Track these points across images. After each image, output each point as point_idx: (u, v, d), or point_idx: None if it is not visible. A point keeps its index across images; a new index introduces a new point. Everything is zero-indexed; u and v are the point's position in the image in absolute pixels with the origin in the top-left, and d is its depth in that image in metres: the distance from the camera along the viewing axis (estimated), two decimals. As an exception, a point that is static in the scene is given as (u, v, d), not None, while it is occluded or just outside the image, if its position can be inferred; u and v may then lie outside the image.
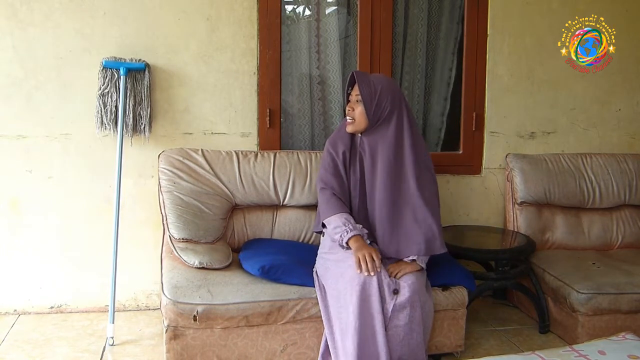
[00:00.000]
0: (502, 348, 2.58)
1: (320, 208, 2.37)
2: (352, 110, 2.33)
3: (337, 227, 2.25)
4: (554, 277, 2.70)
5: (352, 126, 2.35)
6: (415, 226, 2.23)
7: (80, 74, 2.71)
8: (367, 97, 2.28)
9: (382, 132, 2.31)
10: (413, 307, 2.13)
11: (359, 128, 2.34)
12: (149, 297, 2.90)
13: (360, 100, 2.29)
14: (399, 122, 2.31)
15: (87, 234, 2.81)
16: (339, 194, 2.35)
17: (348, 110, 2.35)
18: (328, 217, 2.29)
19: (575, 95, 3.23)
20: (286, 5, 3.14)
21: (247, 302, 2.19)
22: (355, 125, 2.34)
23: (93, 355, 2.43)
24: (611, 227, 3.12)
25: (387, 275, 2.14)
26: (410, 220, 2.25)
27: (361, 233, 2.23)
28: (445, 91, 3.27)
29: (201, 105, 2.85)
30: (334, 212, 2.28)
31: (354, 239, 2.20)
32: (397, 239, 2.25)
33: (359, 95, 2.30)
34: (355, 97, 2.33)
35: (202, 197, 2.59)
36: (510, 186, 3.09)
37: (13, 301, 2.80)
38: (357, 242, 2.18)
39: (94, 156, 2.77)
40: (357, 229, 2.24)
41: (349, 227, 2.23)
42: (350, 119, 2.34)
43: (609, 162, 3.17)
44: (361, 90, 2.29)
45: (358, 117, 2.32)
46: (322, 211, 2.34)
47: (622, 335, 1.89)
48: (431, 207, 2.26)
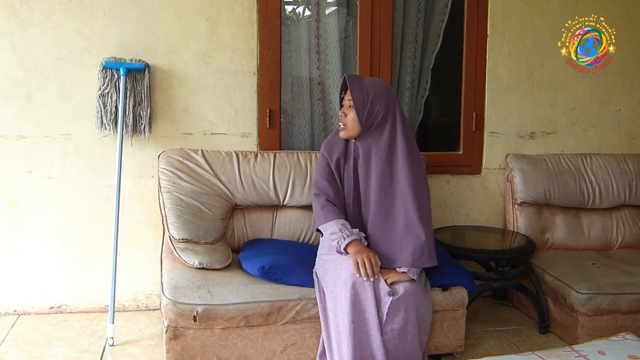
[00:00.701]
0: (502, 348, 2.58)
1: (316, 215, 2.36)
2: (345, 116, 2.30)
3: (333, 234, 2.23)
4: (553, 278, 2.70)
5: (344, 132, 2.32)
6: (406, 236, 2.17)
7: (80, 74, 2.71)
8: (359, 102, 2.24)
9: (375, 137, 2.28)
10: (407, 310, 2.11)
11: (351, 134, 2.31)
12: (149, 297, 2.90)
13: (353, 105, 2.26)
14: (393, 128, 2.27)
15: (87, 234, 2.81)
16: (334, 200, 2.33)
17: (340, 115, 2.33)
18: (324, 224, 2.28)
19: (575, 95, 3.23)
20: (286, 6, 3.14)
21: (247, 302, 2.19)
22: (348, 131, 2.31)
23: (93, 355, 2.43)
24: (611, 227, 3.12)
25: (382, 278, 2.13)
26: (402, 229, 2.19)
27: (359, 237, 2.21)
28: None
29: (201, 106, 2.85)
30: (330, 219, 2.27)
31: (353, 244, 2.18)
32: (388, 248, 2.20)
33: (352, 100, 2.26)
34: (347, 102, 2.30)
35: (202, 198, 2.59)
36: (510, 186, 3.09)
37: (13, 301, 2.81)
38: (356, 247, 2.16)
39: (94, 156, 2.77)
40: (355, 234, 2.21)
41: (345, 233, 2.20)
42: (342, 125, 2.32)
43: (609, 162, 3.17)
44: (353, 95, 2.24)
45: (350, 123, 2.28)
46: (318, 218, 2.33)
47: (622, 336, 1.89)
48: (423, 218, 2.18)
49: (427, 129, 3.39)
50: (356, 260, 2.10)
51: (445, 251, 2.61)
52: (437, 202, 3.11)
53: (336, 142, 2.40)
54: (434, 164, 3.06)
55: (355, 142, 2.35)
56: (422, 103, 3.29)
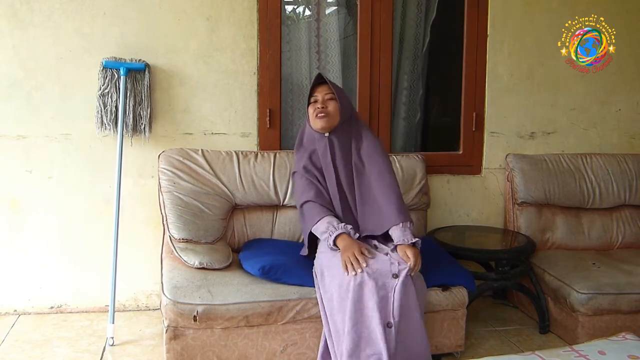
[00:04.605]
0: (502, 348, 2.58)
1: (305, 223, 2.37)
2: (326, 107, 2.41)
3: (323, 233, 2.28)
4: (554, 277, 2.70)
5: (327, 120, 2.40)
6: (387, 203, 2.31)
7: (80, 74, 2.71)
8: (340, 94, 2.43)
9: (346, 129, 2.44)
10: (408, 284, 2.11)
11: (333, 123, 2.41)
12: (149, 297, 2.90)
13: (333, 97, 2.41)
14: (356, 118, 2.51)
15: (87, 234, 2.81)
16: (319, 201, 2.37)
17: (320, 107, 2.40)
18: (314, 226, 2.31)
19: (575, 95, 3.23)
20: (286, 6, 3.14)
21: (247, 302, 2.19)
22: (331, 119, 2.40)
23: (93, 355, 2.43)
24: (611, 227, 3.12)
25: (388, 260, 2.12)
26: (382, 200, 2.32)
27: (345, 231, 2.24)
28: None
29: (201, 106, 2.85)
30: (317, 219, 2.31)
31: (340, 238, 2.22)
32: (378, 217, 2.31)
33: (331, 93, 2.41)
34: (325, 96, 2.42)
35: (202, 197, 2.59)
36: (510, 186, 3.10)
37: (13, 301, 2.81)
38: (343, 242, 2.20)
39: (94, 156, 2.77)
40: (340, 228, 2.25)
41: (330, 229, 2.25)
42: (323, 114, 2.39)
43: (609, 162, 3.17)
44: (334, 88, 2.42)
45: (333, 112, 2.41)
46: (307, 223, 2.35)
47: (622, 336, 1.89)
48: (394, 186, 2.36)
49: (428, 129, 3.39)
50: (344, 260, 2.13)
51: (445, 251, 2.61)
52: (437, 202, 3.11)
53: (307, 153, 2.47)
54: (434, 164, 3.06)
55: (328, 136, 2.42)
56: (422, 103, 3.30)
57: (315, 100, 2.44)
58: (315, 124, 2.42)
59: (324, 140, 2.43)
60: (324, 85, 2.44)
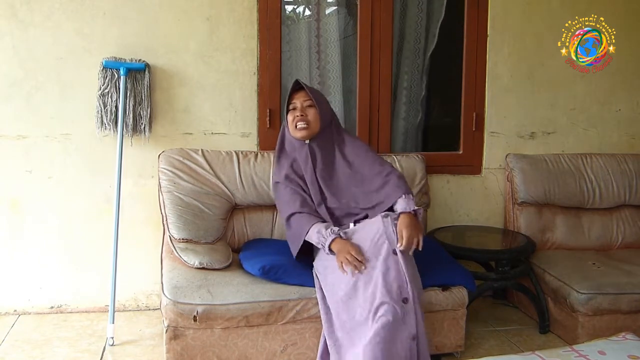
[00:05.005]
0: (502, 348, 2.58)
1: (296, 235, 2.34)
2: (305, 116, 2.37)
3: (317, 243, 2.26)
4: (554, 277, 2.70)
5: (307, 131, 2.38)
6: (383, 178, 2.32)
7: (80, 74, 2.71)
8: (319, 100, 2.39)
9: (327, 135, 2.43)
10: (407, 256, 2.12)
11: (314, 131, 2.39)
12: (149, 297, 2.90)
13: (312, 104, 2.37)
14: (336, 122, 2.50)
15: (87, 234, 2.81)
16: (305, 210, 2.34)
17: (300, 115, 2.37)
18: (306, 235, 2.28)
19: (575, 95, 3.23)
20: (286, 5, 3.15)
21: (247, 302, 2.19)
22: (311, 129, 2.38)
23: (93, 355, 2.43)
24: (611, 227, 3.12)
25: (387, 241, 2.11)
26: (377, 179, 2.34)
27: (336, 235, 2.22)
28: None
29: (201, 105, 2.85)
30: (306, 229, 2.28)
31: (334, 243, 2.20)
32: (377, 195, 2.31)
33: (310, 100, 2.37)
34: (303, 103, 2.39)
35: (202, 197, 2.59)
36: (510, 186, 3.10)
37: (13, 301, 2.81)
38: (336, 245, 2.19)
39: (94, 156, 2.77)
40: (329, 234, 2.21)
41: (321, 238, 2.23)
42: (304, 125, 2.36)
43: (609, 162, 3.16)
44: (313, 94, 2.37)
45: (313, 121, 2.38)
46: (299, 235, 2.31)
47: (622, 336, 1.90)
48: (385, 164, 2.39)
49: (428, 129, 3.39)
50: (340, 262, 2.13)
51: (445, 251, 2.61)
52: (437, 202, 3.11)
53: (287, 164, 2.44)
54: (434, 164, 3.06)
55: (309, 144, 2.41)
56: (422, 103, 3.30)
57: (294, 107, 2.41)
58: (295, 134, 2.40)
59: (304, 148, 2.42)
60: (301, 91, 2.41)
